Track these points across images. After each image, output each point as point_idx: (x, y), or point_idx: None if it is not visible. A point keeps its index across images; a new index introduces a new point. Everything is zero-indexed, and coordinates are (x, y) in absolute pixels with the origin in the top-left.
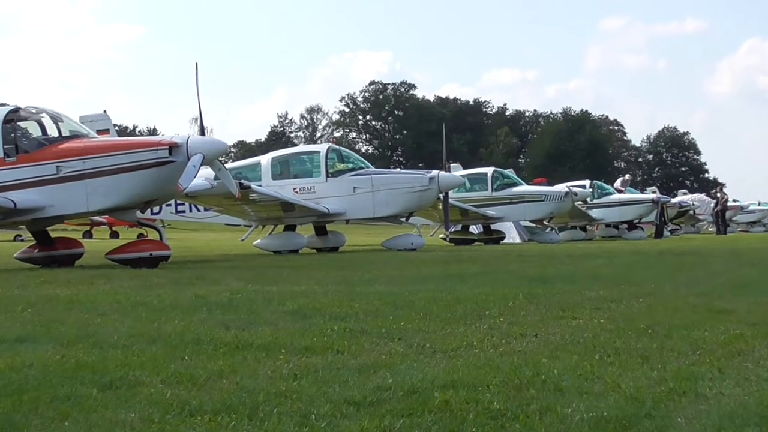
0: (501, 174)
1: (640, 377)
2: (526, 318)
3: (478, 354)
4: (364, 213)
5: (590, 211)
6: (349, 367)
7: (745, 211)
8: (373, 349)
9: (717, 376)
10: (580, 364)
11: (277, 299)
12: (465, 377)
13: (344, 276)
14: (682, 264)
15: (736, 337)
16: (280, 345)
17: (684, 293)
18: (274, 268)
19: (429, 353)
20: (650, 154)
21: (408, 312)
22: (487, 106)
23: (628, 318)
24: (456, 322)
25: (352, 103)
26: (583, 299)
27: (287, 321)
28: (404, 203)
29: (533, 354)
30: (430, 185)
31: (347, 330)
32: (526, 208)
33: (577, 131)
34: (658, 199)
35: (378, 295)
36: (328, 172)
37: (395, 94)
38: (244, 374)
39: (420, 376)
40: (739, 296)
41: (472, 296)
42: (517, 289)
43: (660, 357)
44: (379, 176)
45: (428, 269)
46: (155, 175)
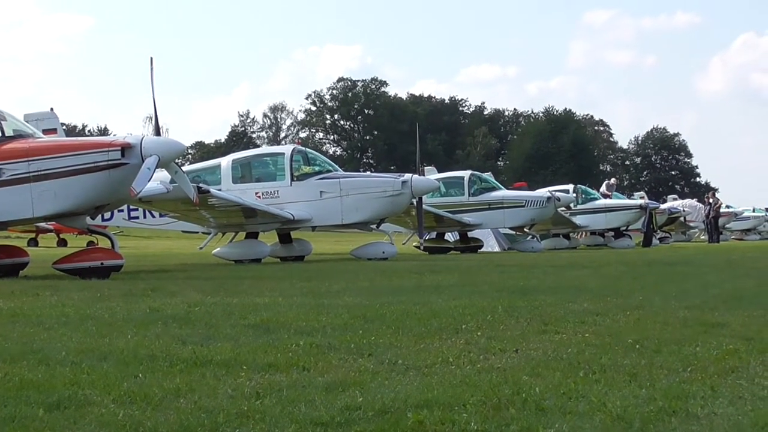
0: (479, 178)
1: (628, 396)
2: (506, 332)
3: (454, 371)
4: (332, 219)
5: (574, 217)
6: (316, 385)
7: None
8: (342, 365)
9: (709, 394)
10: (564, 382)
11: (238, 312)
12: (440, 396)
13: (310, 287)
14: (672, 274)
15: (729, 352)
16: (241, 361)
17: (674, 306)
18: (235, 279)
19: (401, 370)
20: (638, 157)
21: (379, 326)
22: (464, 105)
23: (615, 332)
24: (431, 337)
25: (319, 101)
26: (566, 312)
27: (249, 336)
28: (375, 209)
29: (513, 371)
30: (402, 189)
31: (314, 345)
32: (506, 215)
33: (560, 132)
34: (647, 205)
35: (347, 307)
36: (293, 175)
37: (365, 91)
38: (202, 393)
39: (392, 394)
40: (733, 309)
41: (448, 309)
42: (496, 301)
43: (649, 374)
44: (348, 180)
45: (401, 280)
46: (106, 178)
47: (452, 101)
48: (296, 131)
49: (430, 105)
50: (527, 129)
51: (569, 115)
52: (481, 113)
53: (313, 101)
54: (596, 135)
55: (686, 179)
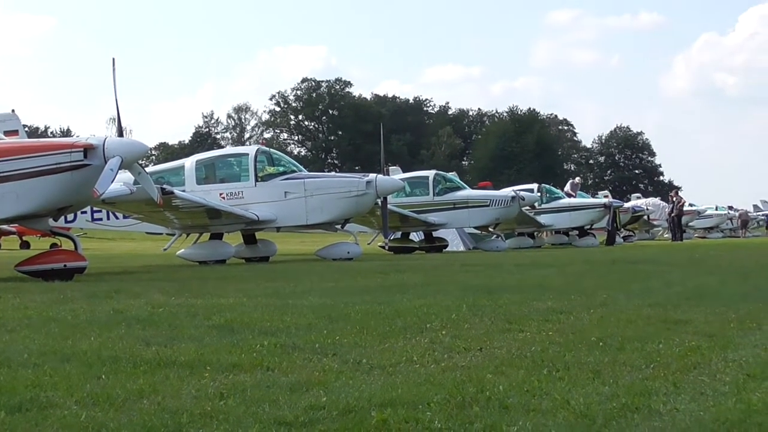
0: (443, 177)
1: (591, 393)
2: (470, 331)
3: (418, 370)
4: (297, 220)
5: (538, 216)
6: (280, 385)
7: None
8: (306, 365)
9: (672, 390)
10: (527, 380)
11: (202, 313)
12: (404, 395)
13: (275, 288)
14: (635, 273)
15: (692, 349)
16: (205, 362)
17: (638, 304)
18: (199, 280)
19: (366, 369)
20: (602, 156)
21: (343, 326)
22: (429, 105)
23: (579, 330)
24: (395, 336)
25: (283, 102)
26: (530, 311)
27: (213, 336)
28: (340, 209)
29: (477, 369)
30: (367, 190)
31: (278, 345)
32: (470, 214)
33: (525, 131)
34: (611, 204)
35: (311, 308)
36: (257, 176)
37: (330, 92)
38: (166, 394)
39: (356, 394)
40: (695, 306)
41: (412, 308)
42: (461, 300)
43: (612, 371)
44: (312, 180)
45: (365, 280)
46: (69, 179)
47: (416, 101)
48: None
49: (394, 105)
50: (491, 129)
51: (533, 114)
52: (445, 113)
53: (278, 102)
54: (560, 134)
55: (650, 178)
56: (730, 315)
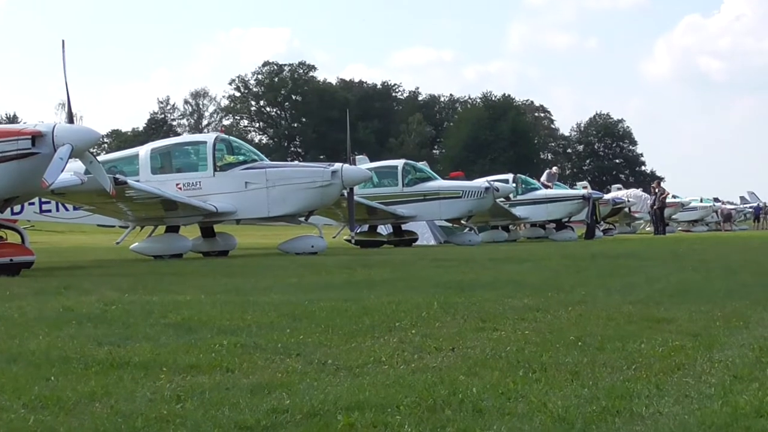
0: (413, 167)
1: (569, 395)
2: (442, 330)
3: (387, 371)
4: (258, 212)
5: (514, 208)
6: (241, 387)
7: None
8: (268, 366)
9: (654, 393)
10: (502, 382)
11: (157, 311)
12: (372, 397)
13: (235, 284)
14: (616, 268)
15: (675, 349)
16: (161, 363)
17: (618, 301)
18: (155, 275)
19: (331, 371)
20: (580, 145)
21: (308, 324)
22: (397, 90)
23: (556, 329)
24: (362, 336)
25: (244, 87)
26: (505, 308)
27: (169, 335)
28: (303, 200)
29: (449, 370)
30: (332, 180)
31: (238, 345)
32: (442, 206)
33: (499, 119)
34: (590, 195)
35: (274, 305)
36: (216, 165)
37: (293, 76)
38: (119, 397)
39: (321, 396)
40: (679, 304)
41: (380, 306)
42: (432, 297)
43: (591, 372)
44: (274, 170)
45: (331, 275)
46: (15, 169)
47: (385, 86)
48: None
49: (361, 90)
50: (464, 116)
51: (508, 100)
52: (415, 99)
53: (237, 87)
54: (536, 122)
55: (631, 168)
56: (715, 313)
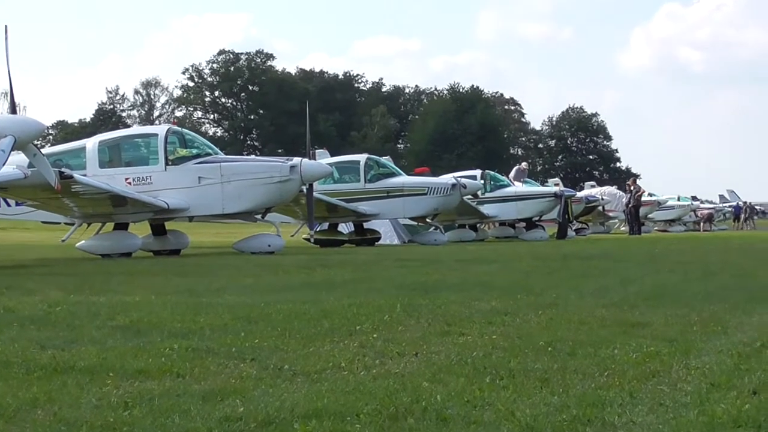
0: (376, 162)
1: (539, 403)
2: (405, 334)
3: (346, 377)
4: (212, 208)
5: (482, 206)
6: (192, 393)
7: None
8: (221, 371)
9: (628, 401)
10: (468, 389)
11: (104, 312)
12: (331, 405)
13: (187, 284)
14: (589, 269)
15: (650, 355)
16: (108, 367)
17: (591, 304)
18: (102, 275)
19: (288, 376)
20: (552, 140)
21: (263, 327)
22: (360, 81)
23: (526, 334)
24: (321, 340)
25: (198, 76)
26: (472, 312)
27: (117, 338)
28: (260, 197)
29: (412, 377)
30: (291, 175)
31: (190, 349)
32: (406, 203)
33: (467, 112)
34: (562, 193)
35: (228, 307)
36: (167, 159)
37: (250, 65)
38: (63, 403)
39: (277, 403)
40: (654, 307)
41: (340, 308)
42: (395, 299)
43: (562, 379)
44: (229, 164)
45: (288, 276)
46: None
47: (347, 77)
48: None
49: (322, 81)
50: (430, 108)
51: (477, 93)
52: (378, 90)
53: (191, 76)
54: (506, 115)
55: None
56: (692, 317)
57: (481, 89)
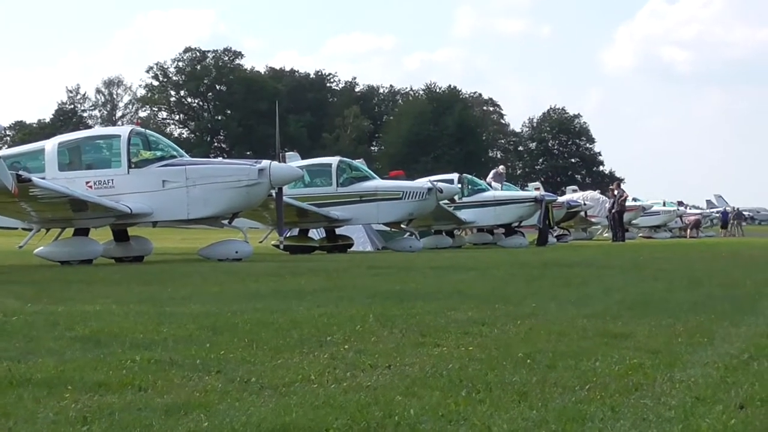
0: (348, 165)
1: (516, 418)
2: (378, 345)
3: (316, 390)
4: (177, 213)
5: (459, 211)
6: (154, 407)
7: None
8: (185, 384)
9: (609, 415)
10: (443, 403)
11: (63, 322)
12: (300, 419)
13: (150, 293)
14: (570, 278)
15: (633, 367)
16: (66, 380)
17: (572, 314)
18: (61, 283)
19: (255, 389)
20: (533, 142)
21: (230, 338)
22: (332, 81)
23: (503, 345)
24: (290, 351)
25: (162, 75)
26: (448, 322)
27: (76, 350)
28: (227, 201)
29: (385, 390)
30: (259, 179)
31: (152, 361)
32: (380, 208)
33: (444, 112)
34: (542, 198)
35: (192, 316)
36: (130, 161)
37: (217, 64)
38: (19, 418)
39: (243, 418)
40: (638, 318)
41: (310, 318)
42: (367, 308)
43: (541, 393)
44: (195, 167)
45: (256, 284)
46: None
47: (318, 76)
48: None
49: (292, 80)
50: (405, 109)
51: (454, 93)
52: (351, 90)
53: (156, 75)
54: (485, 116)
55: (588, 168)
56: (677, 328)
57: (459, 89)
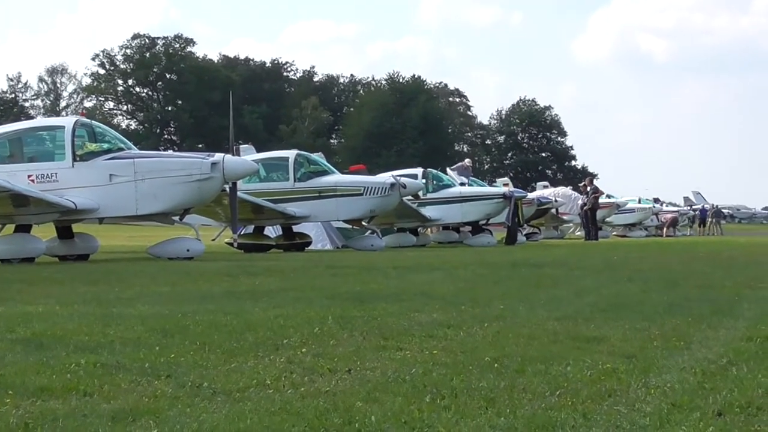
0: (307, 159)
1: (483, 425)
2: (337, 349)
3: (272, 396)
4: (124, 209)
5: (423, 208)
6: (100, 413)
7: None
8: (133, 389)
9: (581, 423)
10: (406, 409)
11: (3, 324)
12: (254, 426)
13: (96, 293)
14: (540, 278)
15: (606, 372)
16: (6, 385)
17: (542, 316)
18: (1, 282)
19: (207, 395)
20: (501, 135)
21: (181, 341)
22: (290, 70)
23: (470, 349)
24: (244, 355)
25: (109, 63)
26: (411, 324)
27: (17, 353)
28: (178, 196)
29: (345, 395)
30: (212, 173)
31: (98, 365)
32: (340, 205)
33: (408, 104)
34: (511, 194)
35: (141, 318)
36: (75, 154)
37: (167, 51)
38: None
39: (195, 425)
40: (612, 320)
41: (266, 320)
42: (326, 310)
43: (509, 399)
44: (144, 161)
45: (209, 284)
46: None
47: (275, 65)
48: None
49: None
50: (367, 100)
51: (418, 83)
52: (310, 80)
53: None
54: (451, 108)
55: (559, 162)
56: (653, 331)
57: (424, 79)
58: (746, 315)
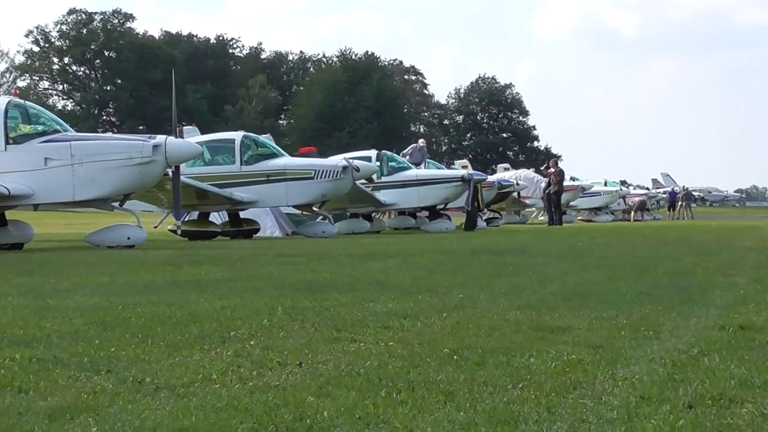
0: (254, 141)
1: (442, 420)
2: (287, 341)
3: (218, 391)
4: (61, 195)
5: (377, 192)
6: (36, 410)
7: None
8: (71, 385)
9: (545, 417)
10: (360, 404)
11: None
12: (200, 423)
13: (31, 284)
14: (502, 266)
15: (571, 364)
16: None
17: (504, 306)
18: None
19: (150, 391)
20: (460, 115)
21: (121, 334)
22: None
23: (428, 340)
24: (189, 348)
25: (44, 40)
26: (365, 315)
27: None
28: (117, 181)
29: (296, 390)
30: (153, 156)
31: (34, 359)
32: (289, 189)
33: (360, 82)
34: (470, 177)
35: (79, 310)
36: (7, 136)
37: (105, 27)
38: None
39: (137, 422)
40: (577, 309)
41: (212, 312)
42: (276, 301)
43: (469, 392)
44: (81, 144)
45: (151, 274)
46: None
47: (220, 41)
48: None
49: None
50: (317, 78)
51: (372, 60)
52: (257, 57)
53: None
54: (406, 86)
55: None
56: (620, 320)
57: (377, 56)
58: (718, 303)
